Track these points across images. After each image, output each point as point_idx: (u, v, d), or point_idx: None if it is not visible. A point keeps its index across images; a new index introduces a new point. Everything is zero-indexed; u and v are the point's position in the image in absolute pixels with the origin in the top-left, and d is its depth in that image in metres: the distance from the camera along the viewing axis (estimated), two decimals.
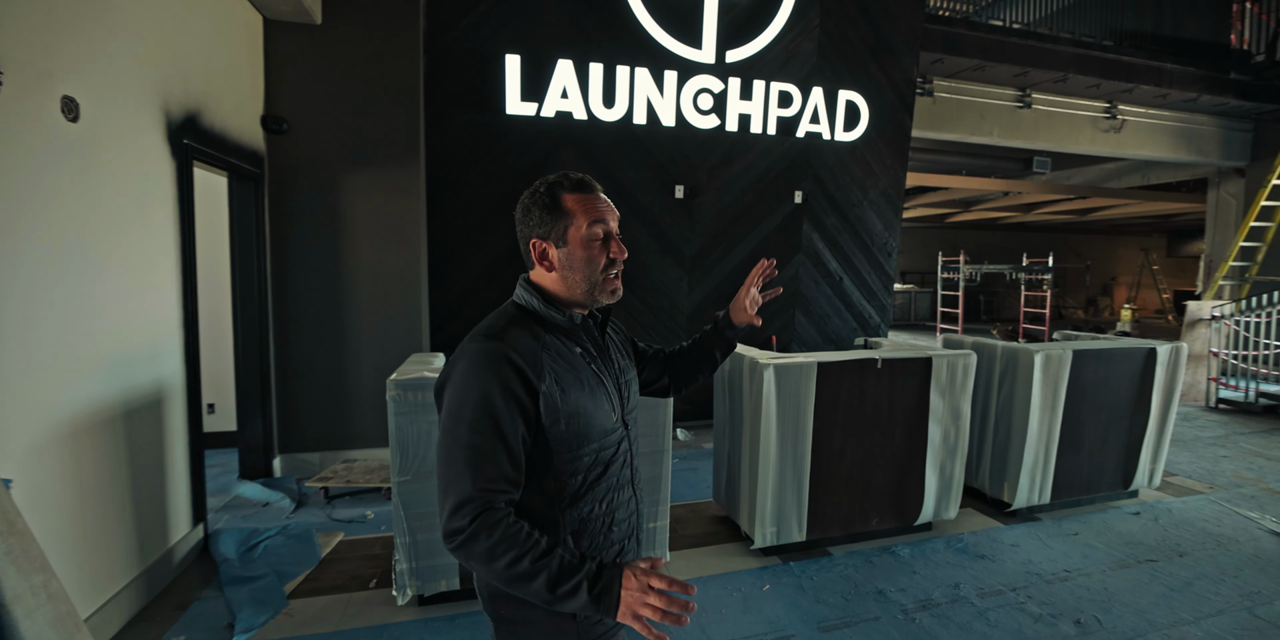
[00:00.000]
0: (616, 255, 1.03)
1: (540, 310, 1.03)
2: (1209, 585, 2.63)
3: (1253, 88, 6.76)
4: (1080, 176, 9.90)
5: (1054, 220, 14.99)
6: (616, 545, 1.07)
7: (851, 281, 5.13)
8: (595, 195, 1.04)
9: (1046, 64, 5.59)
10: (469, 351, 0.95)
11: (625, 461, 1.07)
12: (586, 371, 1.02)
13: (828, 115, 4.58)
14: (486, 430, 0.90)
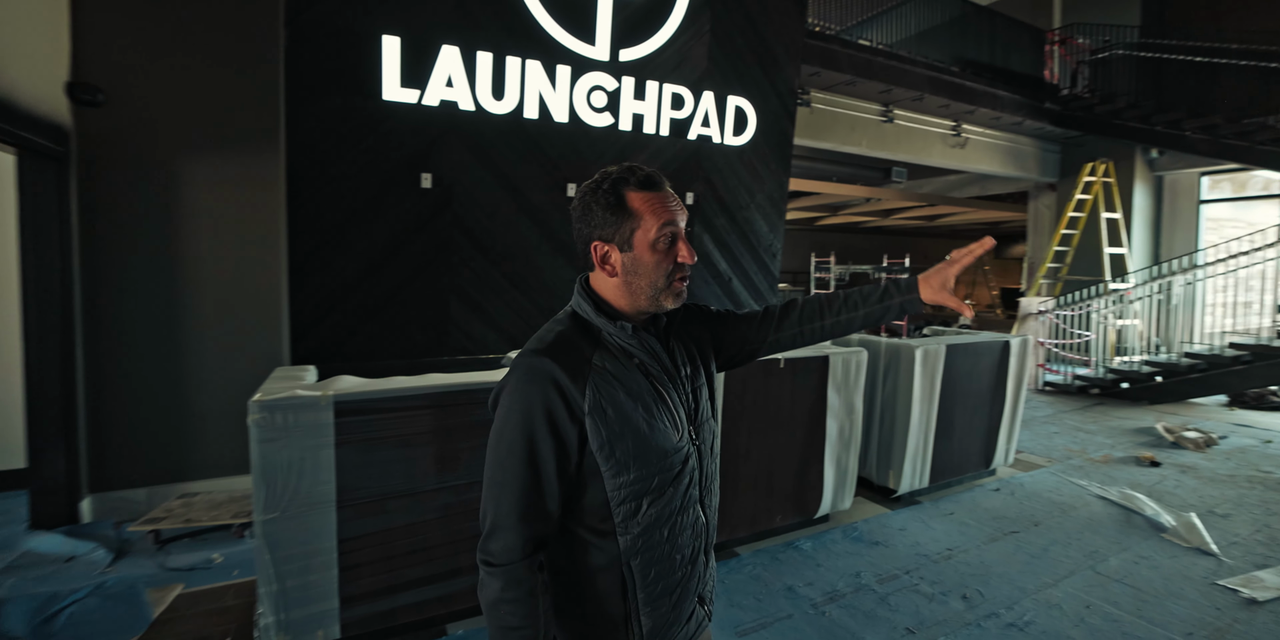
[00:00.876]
0: (685, 260, 0.95)
1: (593, 320, 0.97)
2: (1060, 550, 3.01)
3: (1061, 116, 7.96)
4: (930, 186, 11.12)
5: (908, 225, 16.74)
6: (680, 570, 0.99)
7: (740, 282, 5.32)
8: (664, 193, 0.96)
9: (907, 84, 6.18)
10: (518, 367, 0.92)
11: (692, 480, 0.99)
12: (642, 387, 0.95)
13: (718, 119, 4.70)
14: (523, 455, 0.88)
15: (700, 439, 1.02)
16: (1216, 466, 4.40)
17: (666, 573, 0.97)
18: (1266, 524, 3.36)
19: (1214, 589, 2.64)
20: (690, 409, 1.01)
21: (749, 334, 1.14)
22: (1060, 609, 2.46)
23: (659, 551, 0.95)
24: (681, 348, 1.05)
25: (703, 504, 1.03)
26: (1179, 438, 5.02)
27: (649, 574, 0.95)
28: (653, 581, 0.95)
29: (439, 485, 2.10)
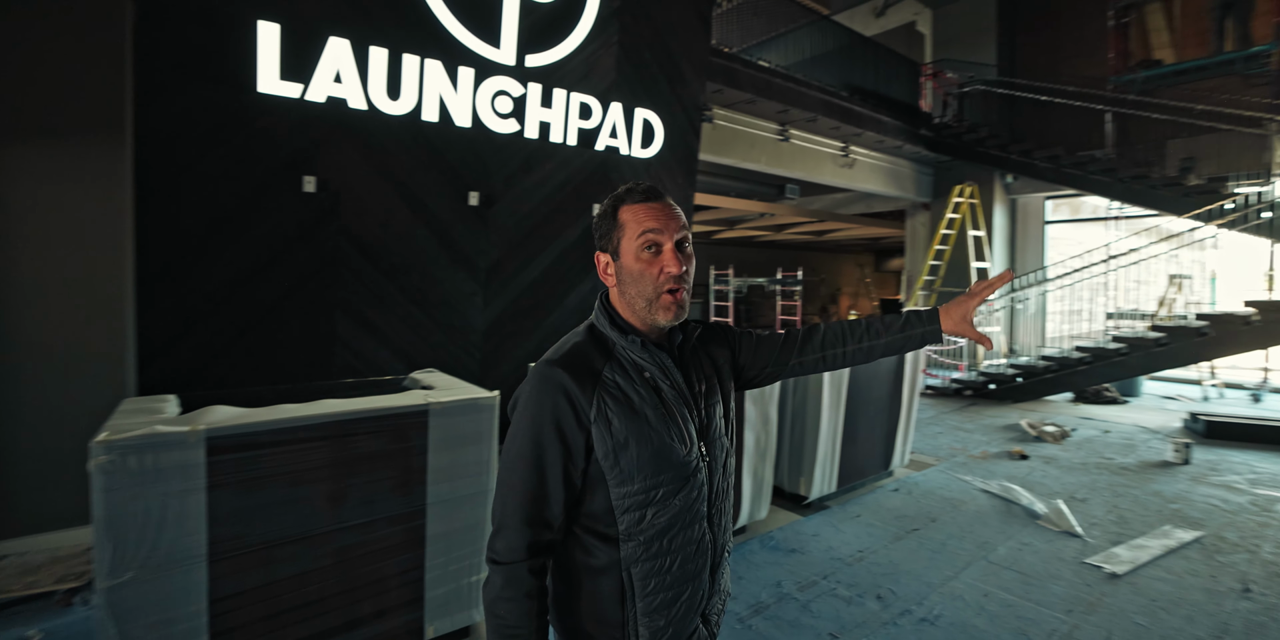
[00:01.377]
0: (670, 270, 0.96)
1: (608, 333, 1.01)
2: (956, 543, 3.24)
3: (934, 142, 8.83)
4: (819, 203, 11.89)
5: (798, 239, 17.82)
6: (683, 586, 1.01)
7: None
8: (652, 204, 0.99)
9: (802, 105, 6.58)
10: (534, 375, 0.98)
11: (699, 495, 1.02)
12: (649, 400, 0.98)
13: (626, 131, 4.73)
14: (532, 461, 0.93)
15: (711, 455, 1.04)
16: (1071, 456, 4.99)
17: (667, 585, 0.99)
18: (1115, 505, 3.84)
19: (1083, 567, 2.96)
20: (702, 425, 1.04)
21: (772, 356, 1.18)
22: (963, 600, 2.64)
23: (660, 563, 0.98)
24: (697, 365, 1.08)
25: (710, 520, 1.05)
26: (1040, 432, 5.65)
27: (649, 584, 0.98)
28: (652, 592, 0.98)
29: (336, 526, 1.89)
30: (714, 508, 1.05)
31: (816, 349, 1.18)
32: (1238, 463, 4.82)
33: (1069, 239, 9.95)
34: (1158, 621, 2.49)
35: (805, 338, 1.18)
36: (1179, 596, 2.70)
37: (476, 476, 2.18)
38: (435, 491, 2.09)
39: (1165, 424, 6.18)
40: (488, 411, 2.18)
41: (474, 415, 2.15)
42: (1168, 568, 2.99)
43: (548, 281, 4.68)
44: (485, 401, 2.17)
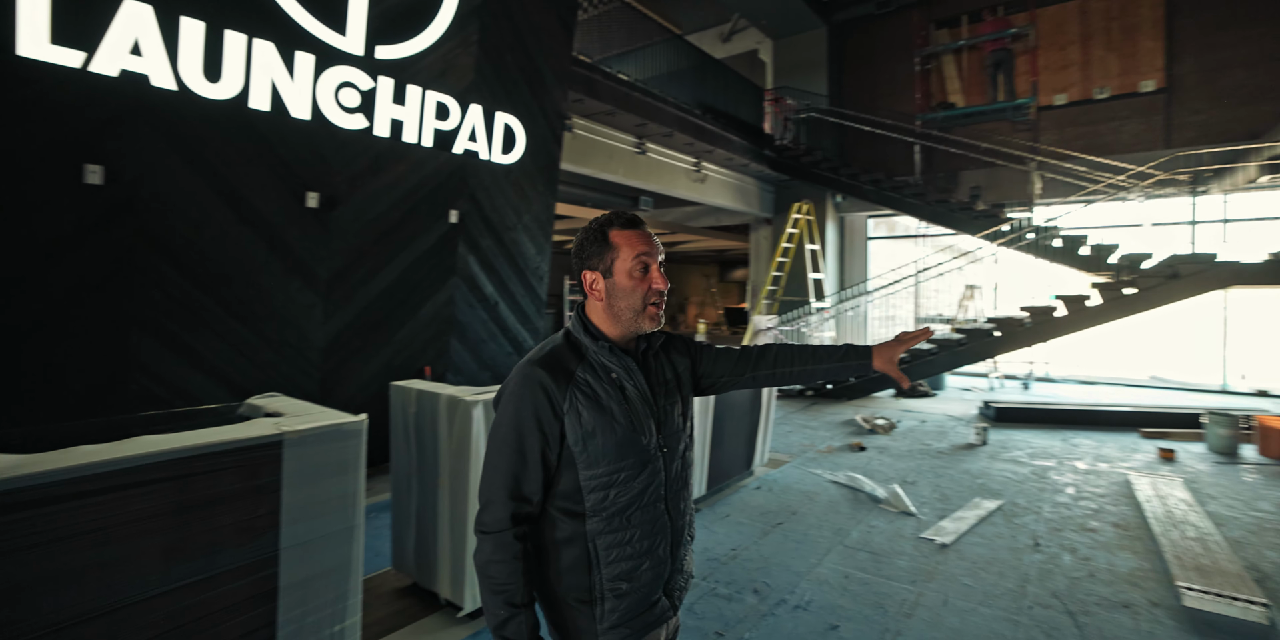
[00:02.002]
0: (659, 286, 1.19)
1: (581, 338, 1.20)
2: (816, 532, 3.56)
3: (776, 162, 9.72)
4: (670, 215, 12.49)
5: None
6: (642, 559, 1.18)
7: (507, 305, 5.25)
8: (640, 231, 1.18)
9: (660, 120, 6.88)
10: (517, 373, 1.16)
11: (656, 481, 1.20)
12: (615, 398, 1.17)
13: (486, 134, 4.62)
14: (515, 446, 1.12)
15: (668, 446, 1.23)
16: (899, 445, 5.72)
17: (628, 556, 1.16)
18: (937, 485, 4.47)
19: (920, 541, 3.41)
20: (659, 420, 1.22)
21: (729, 368, 1.37)
22: (829, 583, 2.91)
23: (621, 536, 1.16)
24: (658, 369, 1.27)
25: (668, 503, 1.23)
26: (873, 425, 6.41)
27: (611, 554, 1.15)
28: (614, 561, 1.15)
29: (162, 589, 1.60)
30: (671, 492, 1.24)
31: (769, 365, 1.38)
32: (1020, 440, 5.85)
33: (887, 253, 11.45)
34: (979, 580, 2.94)
35: (760, 355, 1.39)
36: (992, 556, 3.21)
37: (341, 512, 1.97)
38: (291, 533, 1.85)
39: (966, 412, 7.31)
40: (354, 438, 1.99)
41: (338, 443, 1.95)
42: (981, 533, 3.54)
43: (400, 291, 4.40)
44: (350, 427, 1.98)
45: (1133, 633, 2.48)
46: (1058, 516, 3.82)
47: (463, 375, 4.94)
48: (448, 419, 2.43)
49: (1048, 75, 9.17)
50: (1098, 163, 8.25)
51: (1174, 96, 8.32)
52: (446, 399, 2.43)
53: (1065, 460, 5.14)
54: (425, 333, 4.62)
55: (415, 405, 2.61)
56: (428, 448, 2.55)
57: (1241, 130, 7.83)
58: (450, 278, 4.70)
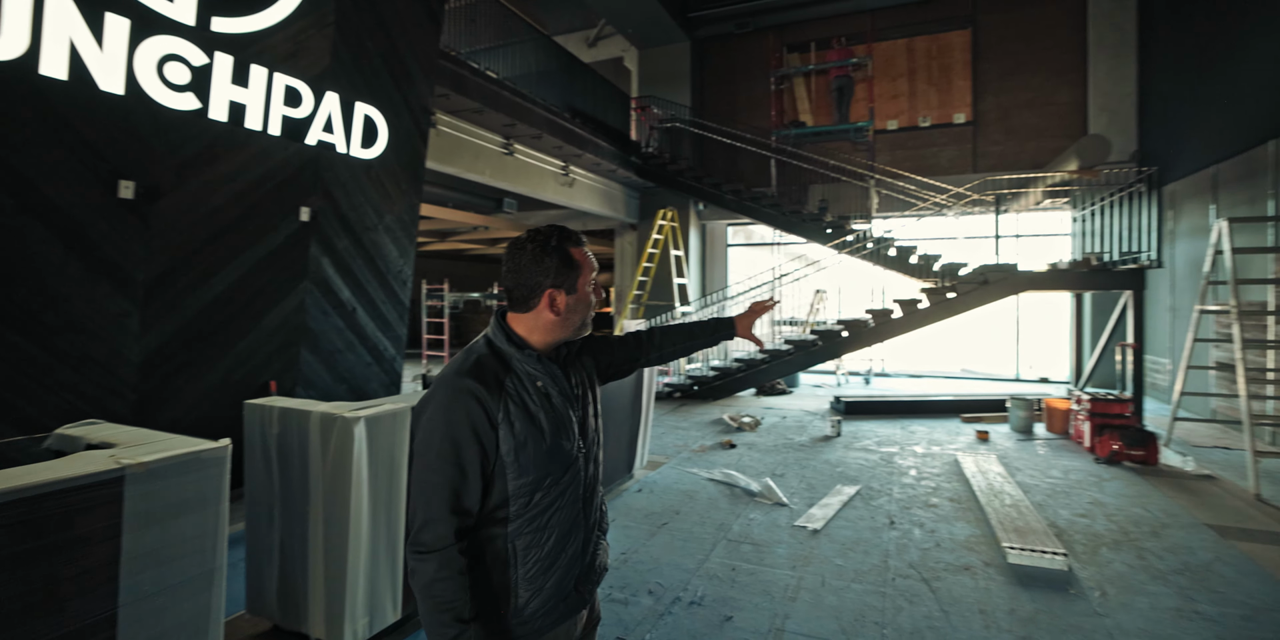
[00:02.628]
0: (598, 298, 1.31)
1: (505, 348, 1.23)
2: (700, 529, 3.72)
3: (643, 169, 10.01)
4: (535, 218, 12.37)
5: None
6: (559, 555, 1.23)
7: (365, 312, 4.91)
8: (587, 248, 1.27)
9: (529, 121, 6.81)
10: (445, 386, 1.17)
11: (577, 480, 1.27)
12: (543, 405, 1.22)
13: (344, 126, 4.29)
14: (453, 459, 1.13)
15: (587, 449, 1.30)
16: (765, 440, 6.15)
17: (545, 555, 1.21)
18: (803, 475, 4.88)
19: (795, 529, 3.70)
20: (581, 422, 1.30)
21: (628, 354, 1.52)
22: (718, 577, 3.06)
23: (540, 536, 1.21)
24: (576, 371, 1.34)
25: (585, 502, 1.30)
26: (740, 423, 6.82)
27: (530, 554, 1.20)
28: (532, 560, 1.20)
29: None
30: (588, 491, 1.31)
31: (656, 347, 1.56)
32: (867, 430, 6.56)
33: (745, 260, 12.24)
34: (849, 559, 3.27)
35: (648, 338, 1.56)
36: (857, 537, 3.58)
37: (199, 554, 1.73)
38: (133, 586, 1.59)
39: (820, 407, 8.03)
40: (215, 467, 1.76)
41: (195, 475, 1.71)
42: (845, 517, 3.93)
43: (240, 297, 3.94)
44: (211, 455, 1.75)
45: (974, 591, 2.90)
46: (905, 496, 4.33)
47: (315, 389, 4.52)
48: (321, 439, 2.23)
49: (882, 103, 10.41)
50: (923, 182, 9.50)
51: (979, 129, 9.84)
52: (320, 417, 2.22)
53: (906, 446, 5.84)
54: (270, 343, 4.17)
55: (278, 425, 2.36)
56: (294, 473, 2.32)
57: (1028, 161, 9.45)
58: (301, 282, 4.29)
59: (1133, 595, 2.83)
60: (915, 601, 2.80)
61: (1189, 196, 7.09)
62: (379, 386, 4.99)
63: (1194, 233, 6.93)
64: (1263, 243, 5.46)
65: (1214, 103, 6.68)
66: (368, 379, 4.89)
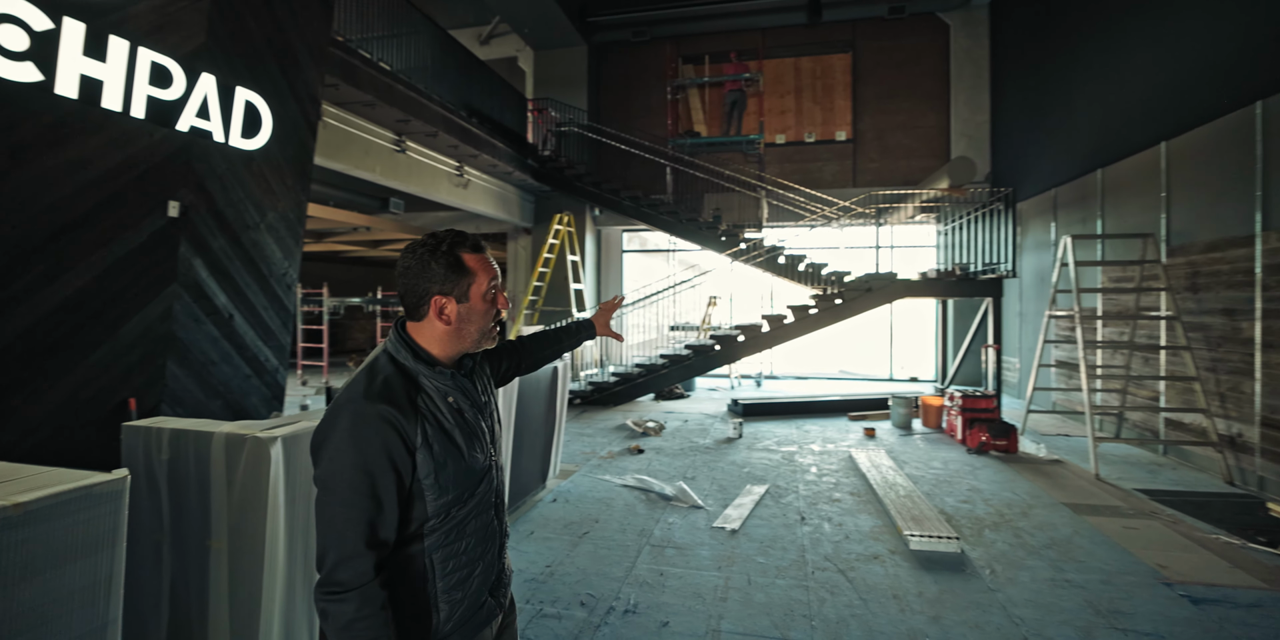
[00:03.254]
0: (503, 307, 1.26)
1: (413, 366, 1.17)
2: (622, 536, 3.74)
3: (539, 173, 9.90)
4: (423, 220, 11.84)
5: (393, 257, 17.26)
6: (475, 564, 1.23)
7: (245, 319, 4.47)
8: (486, 255, 1.22)
9: (425, 118, 6.51)
10: (350, 412, 1.08)
11: (489, 488, 1.27)
12: (456, 422, 1.19)
13: (222, 112, 3.88)
14: (367, 490, 1.05)
15: (496, 455, 1.31)
16: (672, 444, 6.29)
17: (462, 565, 1.21)
18: (714, 477, 5.04)
19: (714, 531, 3.82)
20: (490, 431, 1.30)
21: (514, 360, 1.59)
22: (647, 584, 3.09)
23: (457, 546, 1.19)
24: (481, 382, 1.34)
25: (496, 508, 1.31)
26: (645, 428, 6.93)
27: (448, 565, 1.18)
28: (450, 572, 1.18)
29: None
30: (499, 498, 1.33)
31: (532, 352, 1.65)
32: (766, 431, 6.90)
33: (640, 267, 12.46)
34: (770, 557, 3.43)
35: (526, 345, 1.65)
36: (773, 534, 3.76)
37: (90, 607, 1.49)
38: None
39: (718, 410, 8.34)
40: (110, 503, 1.53)
41: (86, 513, 1.48)
42: (759, 515, 4.12)
43: (93, 303, 3.45)
44: (105, 489, 1.52)
45: (885, 578, 3.15)
46: (811, 493, 4.62)
47: (183, 407, 4.04)
48: (227, 464, 2.01)
49: (771, 117, 11.04)
50: (810, 195, 10.19)
51: (858, 147, 10.72)
52: (225, 438, 2.00)
53: (803, 445, 6.22)
54: (130, 356, 3.67)
55: (168, 450, 2.09)
56: (190, 504, 2.06)
57: (901, 178, 10.43)
58: (168, 285, 3.82)
59: (1016, 570, 3.22)
60: (836, 592, 2.99)
61: (1034, 215, 8.17)
62: (260, 402, 4.55)
63: (1038, 247, 8.01)
64: (1094, 256, 6.43)
65: (1054, 134, 7.78)
66: (246, 393, 4.44)
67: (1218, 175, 4.88)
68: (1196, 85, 5.17)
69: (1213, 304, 4.89)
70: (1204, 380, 4.95)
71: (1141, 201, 5.84)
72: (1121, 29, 6.37)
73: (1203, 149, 5.06)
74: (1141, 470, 5.10)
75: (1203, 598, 2.90)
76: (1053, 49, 7.91)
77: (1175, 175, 5.40)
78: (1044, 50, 8.18)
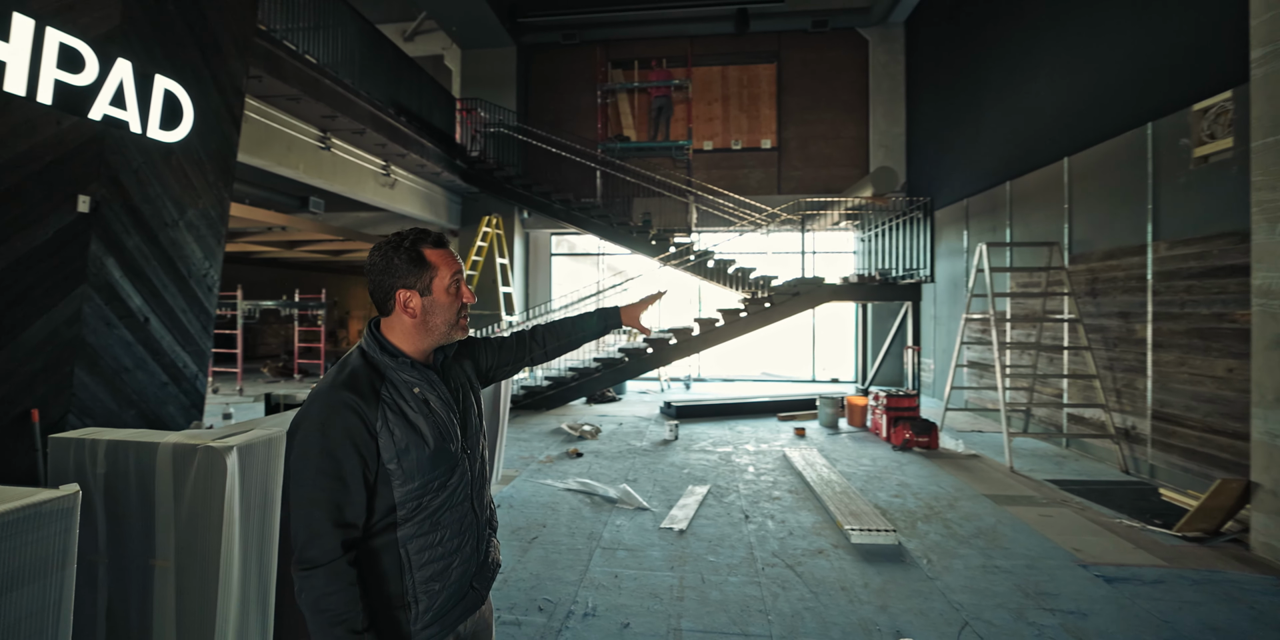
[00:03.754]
0: (468, 300, 1.32)
1: (379, 359, 1.25)
2: (571, 540, 3.77)
3: (468, 174, 9.73)
4: (344, 220, 11.34)
5: (310, 258, 16.39)
6: (453, 557, 1.27)
7: (162, 322, 4.19)
8: (448, 250, 1.29)
9: (352, 114, 6.28)
10: (319, 399, 1.17)
11: (463, 480, 1.31)
12: (422, 411, 1.24)
13: (139, 101, 3.63)
14: (332, 473, 1.13)
15: (470, 447, 1.34)
16: (610, 448, 6.35)
17: (439, 556, 1.24)
18: (655, 479, 5.14)
19: (663, 532, 3.92)
20: (461, 423, 1.33)
21: (510, 355, 1.57)
22: (604, 587, 3.14)
23: (432, 537, 1.24)
24: (455, 375, 1.38)
25: (474, 500, 1.34)
26: (581, 431, 6.96)
27: (424, 557, 1.23)
28: (427, 563, 1.23)
29: None
30: (475, 489, 1.35)
31: (542, 344, 1.62)
32: (700, 433, 7.09)
33: (569, 270, 12.46)
34: (720, 555, 3.56)
35: (532, 337, 1.62)
36: (720, 533, 3.90)
37: (40, 634, 1.40)
38: None
39: (651, 412, 8.47)
40: (61, 521, 1.44)
41: (34, 534, 1.38)
42: (705, 515, 4.25)
43: None
44: (54, 506, 1.42)
45: (832, 572, 3.34)
46: (751, 492, 4.80)
47: (93, 417, 3.73)
48: (174, 477, 1.91)
49: (699, 124, 11.35)
50: (739, 200, 10.54)
51: (782, 155, 11.20)
52: (173, 449, 1.90)
53: (738, 445, 6.44)
54: (33, 362, 3.36)
55: (104, 463, 1.96)
56: (132, 520, 1.94)
57: (823, 186, 10.98)
58: (77, 286, 3.53)
59: (950, 559, 3.49)
60: (787, 587, 3.15)
61: (947, 223, 8.83)
62: (177, 410, 4.25)
63: (951, 254, 8.66)
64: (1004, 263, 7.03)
65: (966, 148, 8.45)
66: (163, 402, 4.15)
67: (1114, 189, 5.49)
68: (1096, 106, 5.79)
69: (1110, 308, 5.49)
70: (1103, 378, 5.53)
71: (1046, 212, 6.46)
72: (1027, 52, 7.04)
73: (1101, 165, 5.68)
74: (1049, 462, 5.63)
75: (1114, 577, 3.26)
76: (962, 68, 8.60)
77: (1077, 188, 6.02)
78: (954, 69, 8.88)
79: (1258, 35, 3.54)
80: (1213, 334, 4.45)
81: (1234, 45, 4.28)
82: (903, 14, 10.50)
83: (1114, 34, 5.62)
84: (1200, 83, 4.60)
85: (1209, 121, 4.51)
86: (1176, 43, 4.89)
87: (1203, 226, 4.54)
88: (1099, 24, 5.82)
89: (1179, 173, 4.77)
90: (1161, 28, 5.05)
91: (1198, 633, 2.71)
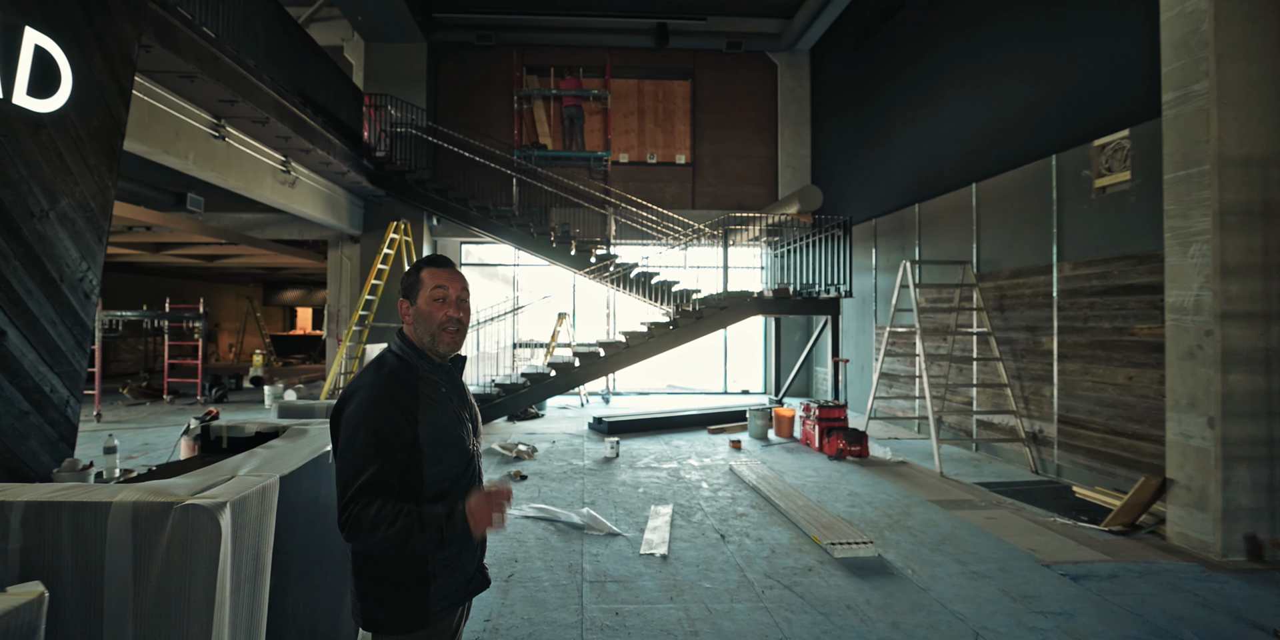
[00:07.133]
0: (452, 314, 1.48)
1: (411, 357, 1.49)
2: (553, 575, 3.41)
3: (376, 176, 8.93)
4: (226, 221, 10.00)
5: (176, 263, 14.39)
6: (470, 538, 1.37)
7: (24, 337, 3.34)
8: (446, 269, 1.50)
9: (256, 100, 5.48)
10: (367, 385, 1.40)
11: (475, 478, 1.52)
12: (448, 406, 1.47)
13: (2, 58, 2.87)
14: (377, 445, 1.34)
15: (476, 451, 1.54)
16: (551, 468, 5.96)
17: None
18: (612, 500, 4.85)
19: (646, 558, 3.65)
20: (473, 422, 1.55)
21: None
22: (609, 627, 2.81)
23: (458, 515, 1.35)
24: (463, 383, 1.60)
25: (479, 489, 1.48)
26: (517, 452, 6.50)
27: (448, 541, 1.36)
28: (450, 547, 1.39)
29: None
30: (479, 481, 1.54)
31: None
32: (639, 449, 6.87)
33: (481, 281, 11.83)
34: (714, 581, 3.35)
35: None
36: (704, 556, 3.70)
37: None
38: None
39: (579, 428, 8.14)
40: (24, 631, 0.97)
41: None
42: (680, 537, 4.03)
43: None
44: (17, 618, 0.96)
45: (829, 589, 3.24)
46: (715, 509, 4.65)
47: None
48: (132, 547, 1.40)
49: (616, 136, 11.24)
50: (662, 214, 10.51)
51: (697, 170, 11.35)
52: (133, 510, 1.40)
53: (682, 460, 6.29)
54: None
55: (19, 536, 1.41)
56: (67, 614, 1.41)
57: (734, 203, 11.24)
58: None
59: (931, 568, 3.52)
60: (796, 611, 3.00)
61: (857, 242, 9.30)
62: (41, 445, 3.38)
63: (860, 271, 9.12)
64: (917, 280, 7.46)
65: (872, 171, 8.96)
66: (23, 435, 3.28)
67: (1021, 214, 5.98)
68: (1003, 137, 6.30)
69: (1018, 322, 5.96)
70: (1012, 386, 5.98)
71: (955, 233, 6.95)
72: (932, 85, 7.58)
73: (1009, 191, 6.17)
74: (967, 466, 5.98)
75: (1077, 575, 3.43)
76: (868, 96, 9.15)
77: (985, 212, 6.51)
78: (860, 96, 9.44)
79: (1169, 80, 3.96)
80: (1114, 346, 4.93)
81: (1131, 87, 4.80)
82: (809, 42, 11.05)
83: (1017, 70, 6.16)
84: (1099, 120, 5.13)
85: (1108, 156, 5.02)
86: (1077, 83, 5.44)
87: (1104, 249, 5.03)
88: (1001, 61, 6.38)
89: (1082, 201, 5.28)
90: (1062, 69, 5.59)
91: (1169, 623, 2.89)
